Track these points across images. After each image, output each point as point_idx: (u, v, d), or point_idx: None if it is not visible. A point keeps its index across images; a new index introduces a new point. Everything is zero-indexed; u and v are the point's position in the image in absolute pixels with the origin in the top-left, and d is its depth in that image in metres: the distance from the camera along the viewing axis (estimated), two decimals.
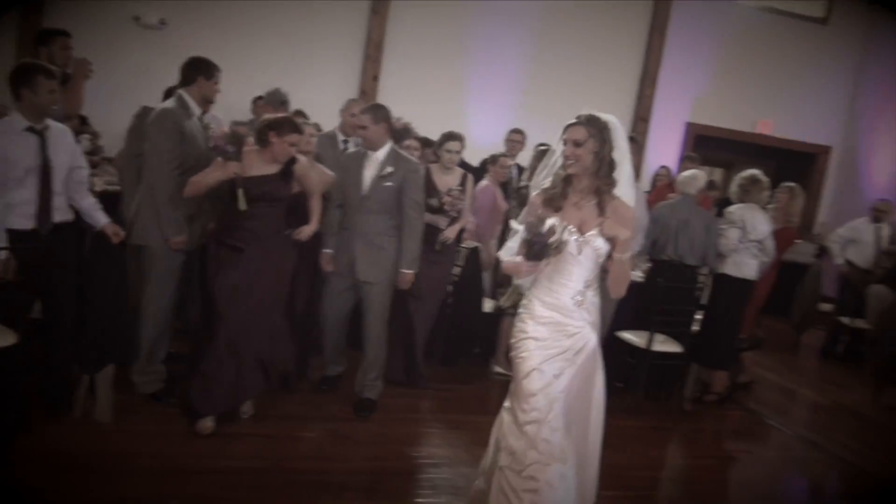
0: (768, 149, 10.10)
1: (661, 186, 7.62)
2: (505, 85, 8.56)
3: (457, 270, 5.37)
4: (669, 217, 5.35)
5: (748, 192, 5.57)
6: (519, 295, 2.99)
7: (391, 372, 4.83)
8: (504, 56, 8.53)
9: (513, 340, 2.97)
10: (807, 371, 7.30)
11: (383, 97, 8.05)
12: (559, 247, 2.82)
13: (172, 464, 3.47)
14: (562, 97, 8.51)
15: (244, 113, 6.48)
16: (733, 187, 5.73)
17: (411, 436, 4.27)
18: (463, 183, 5.07)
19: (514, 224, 2.95)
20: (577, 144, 2.83)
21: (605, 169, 2.85)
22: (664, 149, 9.26)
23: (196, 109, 4.11)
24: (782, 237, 5.92)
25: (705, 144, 9.64)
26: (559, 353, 2.86)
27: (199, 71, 4.07)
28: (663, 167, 8.49)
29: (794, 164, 10.36)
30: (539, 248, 2.75)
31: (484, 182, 5.73)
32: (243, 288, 3.80)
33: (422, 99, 7.89)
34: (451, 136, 5.06)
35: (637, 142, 6.96)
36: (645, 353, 5.02)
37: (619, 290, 2.92)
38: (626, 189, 2.93)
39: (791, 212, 6.15)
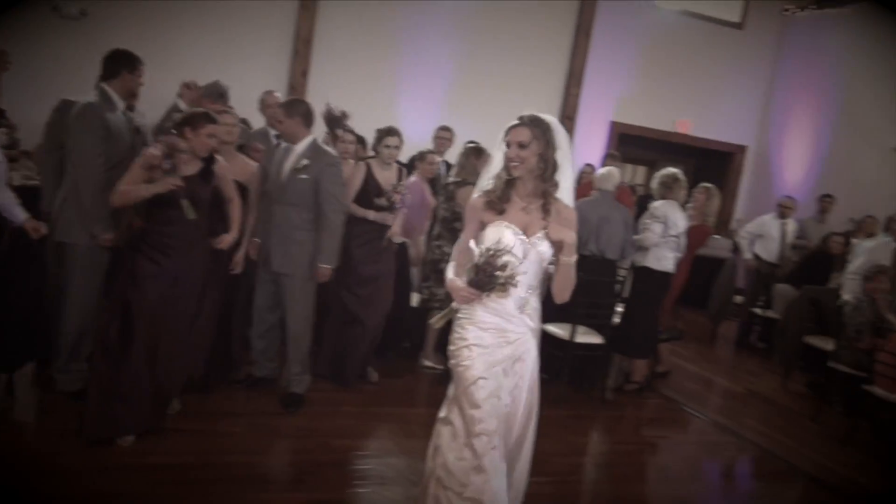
0: (688, 147, 10.48)
1: (585, 184, 7.84)
2: (434, 82, 8.65)
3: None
4: (591, 213, 5.53)
5: (669, 188, 5.81)
6: (453, 314, 2.89)
7: (332, 370, 4.94)
8: (433, 53, 8.62)
9: (452, 348, 2.86)
10: (722, 360, 7.64)
11: (312, 93, 8.02)
12: (506, 284, 2.70)
13: (95, 462, 3.43)
14: (490, 95, 8.67)
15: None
16: (654, 184, 5.97)
17: (339, 428, 4.30)
18: (400, 178, 5.10)
19: (472, 245, 2.84)
20: (522, 146, 2.75)
21: (549, 171, 2.79)
22: (590, 147, 9.52)
23: (120, 103, 4.05)
24: (697, 234, 6.21)
25: (628, 143, 9.95)
26: (501, 360, 2.80)
27: (121, 64, 4.01)
28: (588, 165, 8.74)
29: (712, 163, 10.80)
30: (486, 280, 2.67)
31: (412, 178, 5.80)
32: (163, 302, 3.65)
33: (351, 95, 7.87)
34: (389, 132, 5.04)
35: (616, 157, 7.18)
36: (568, 345, 5.19)
37: (563, 295, 2.85)
38: (567, 192, 2.88)
39: (707, 211, 6.46)
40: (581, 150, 9.38)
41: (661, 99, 9.85)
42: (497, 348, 2.79)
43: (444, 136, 7.01)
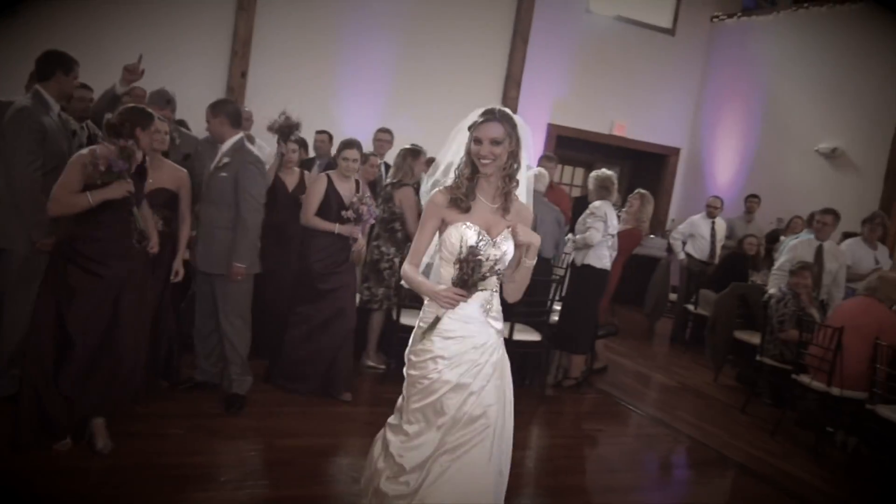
0: (624, 149, 10.76)
1: None
2: (374, 84, 8.69)
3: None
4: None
5: (607, 189, 6.00)
6: (437, 322, 2.70)
7: (309, 385, 4.92)
8: (373, 55, 8.65)
9: (415, 359, 2.72)
10: (657, 356, 7.87)
11: (252, 94, 7.99)
12: (492, 273, 2.62)
13: (31, 465, 3.38)
14: (430, 98, 8.76)
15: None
16: (590, 185, 6.13)
17: (283, 428, 4.32)
18: (358, 189, 4.99)
19: (453, 240, 2.68)
20: (496, 143, 2.62)
21: (516, 169, 2.69)
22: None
23: (55, 106, 3.98)
24: (629, 238, 6.46)
25: (566, 145, 10.16)
26: (467, 368, 2.68)
27: (55, 65, 3.95)
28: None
29: (647, 164, 11.12)
30: (470, 273, 2.57)
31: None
32: (100, 314, 3.51)
33: (291, 96, 7.79)
34: (348, 144, 4.92)
35: (552, 158, 7.21)
36: (506, 343, 5.29)
37: (517, 296, 2.82)
38: (524, 190, 2.80)
39: (641, 216, 6.69)
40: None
41: (597, 102, 10.09)
42: (463, 356, 2.68)
43: (383, 137, 7.06)
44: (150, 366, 4.14)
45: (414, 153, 5.51)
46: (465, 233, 2.66)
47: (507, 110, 2.70)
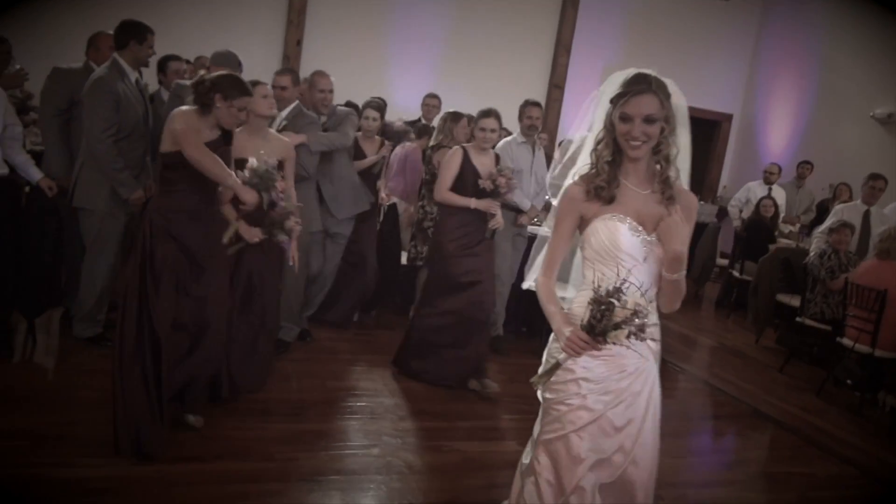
0: None
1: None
2: (424, 51, 8.87)
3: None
4: None
5: None
6: (556, 369, 2.24)
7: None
8: (423, 22, 8.82)
9: (554, 380, 2.25)
10: (702, 319, 7.97)
11: (306, 62, 8.25)
12: (636, 334, 2.06)
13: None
14: (479, 64, 8.93)
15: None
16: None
17: (334, 372, 4.66)
18: (497, 162, 4.66)
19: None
20: (651, 120, 2.15)
21: (673, 151, 2.21)
22: (578, 115, 9.75)
23: (131, 73, 4.28)
24: None
25: None
26: (615, 399, 2.22)
27: (130, 34, 4.23)
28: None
29: (699, 131, 10.85)
30: (606, 324, 2.05)
31: (412, 144, 6.09)
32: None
33: (344, 63, 8.11)
34: (486, 113, 4.58)
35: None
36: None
37: (671, 308, 2.31)
38: (685, 174, 2.33)
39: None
40: (570, 120, 9.64)
41: (648, 67, 10.03)
42: (612, 382, 2.21)
43: (431, 102, 7.29)
44: None
45: (455, 117, 5.72)
46: (617, 228, 2.19)
47: (655, 74, 2.27)
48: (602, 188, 2.20)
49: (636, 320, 2.03)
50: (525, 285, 2.52)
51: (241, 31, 7.94)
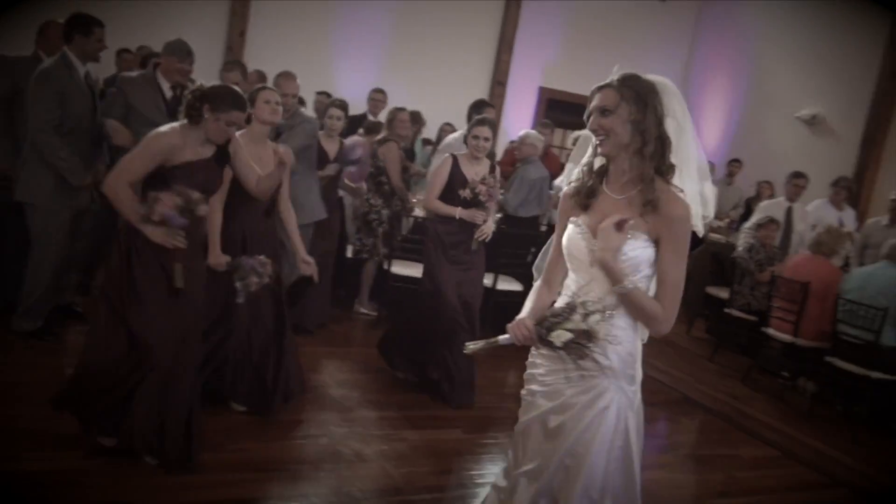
0: None
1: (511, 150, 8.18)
2: (370, 45, 8.89)
3: None
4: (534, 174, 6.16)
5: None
6: (493, 346, 2.28)
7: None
8: (369, 17, 8.83)
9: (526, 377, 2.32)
10: None
11: (250, 54, 8.19)
12: (575, 351, 2.07)
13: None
14: (423, 59, 9.00)
15: (109, 68, 6.48)
16: (573, 146, 6.46)
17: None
18: (493, 171, 4.57)
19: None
20: (605, 112, 2.09)
21: (652, 147, 2.08)
22: (519, 112, 9.96)
23: (80, 67, 4.23)
24: None
25: (556, 108, 10.42)
26: (556, 405, 2.20)
27: (74, 28, 4.18)
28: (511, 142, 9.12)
29: None
30: (547, 341, 2.12)
31: (361, 139, 6.16)
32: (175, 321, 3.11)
33: (289, 56, 8.06)
34: (480, 122, 4.49)
35: (548, 125, 7.33)
36: (490, 292, 5.67)
37: (645, 324, 2.17)
38: (691, 181, 2.16)
39: None
40: (511, 116, 9.83)
41: (588, 66, 10.27)
42: (559, 385, 2.19)
43: (377, 97, 7.36)
44: None
45: (399, 112, 5.89)
46: (571, 233, 2.19)
47: (644, 74, 2.19)
48: (578, 193, 2.21)
49: (583, 339, 2.04)
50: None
51: (183, 21, 7.79)
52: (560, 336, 2.08)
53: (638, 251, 2.08)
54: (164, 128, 3.09)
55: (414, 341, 4.53)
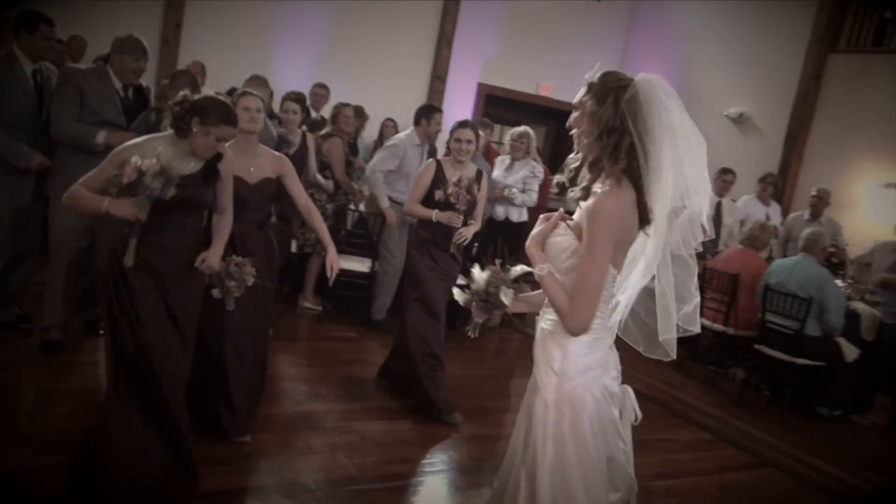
0: (550, 110, 11.24)
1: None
2: (310, 39, 8.84)
3: None
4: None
5: (531, 147, 6.53)
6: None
7: None
8: (309, 8, 8.77)
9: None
10: None
11: (186, 47, 8.05)
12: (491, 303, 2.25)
13: None
14: (364, 54, 9.00)
15: None
16: (509, 141, 6.59)
17: None
18: (479, 180, 4.49)
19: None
20: (574, 108, 2.16)
21: (611, 143, 2.04)
22: (459, 108, 10.06)
23: (28, 64, 4.12)
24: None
25: (495, 104, 10.57)
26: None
27: (20, 25, 4.08)
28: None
29: None
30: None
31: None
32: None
33: (227, 49, 8.01)
34: (462, 124, 4.45)
35: (487, 123, 7.19)
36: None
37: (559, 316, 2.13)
38: (662, 196, 2.05)
39: None
40: (451, 112, 9.91)
41: (525, 63, 10.50)
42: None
43: (320, 92, 7.35)
44: None
45: (343, 107, 5.94)
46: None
47: (614, 70, 2.18)
48: (562, 190, 2.27)
49: (489, 290, 2.25)
50: None
51: (116, 10, 7.64)
52: (477, 282, 2.29)
53: (559, 238, 2.16)
54: (140, 140, 2.93)
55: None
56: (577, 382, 2.14)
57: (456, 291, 2.41)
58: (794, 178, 8.65)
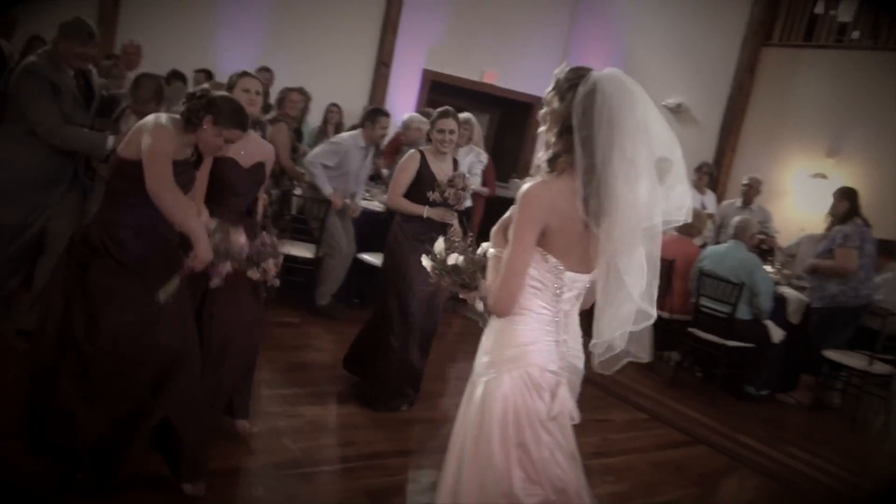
0: (494, 97, 11.34)
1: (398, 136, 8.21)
2: (252, 20, 8.71)
3: None
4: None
5: (474, 135, 6.62)
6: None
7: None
8: None
9: None
10: None
11: (125, 25, 7.86)
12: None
13: None
14: (308, 39, 8.93)
15: None
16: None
17: None
18: (456, 167, 4.39)
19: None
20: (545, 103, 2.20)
21: (566, 136, 2.08)
22: (404, 94, 10.07)
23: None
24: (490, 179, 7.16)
25: (440, 91, 10.61)
26: None
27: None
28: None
29: (514, 113, 11.77)
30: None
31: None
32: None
33: (167, 29, 7.85)
34: (443, 114, 4.24)
35: (427, 114, 7.16)
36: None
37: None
38: (614, 178, 2.06)
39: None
40: (396, 97, 9.92)
41: (470, 50, 10.56)
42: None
43: (264, 76, 7.23)
44: None
45: (288, 92, 5.93)
46: None
47: (579, 66, 2.20)
48: None
49: (464, 269, 2.26)
50: None
51: None
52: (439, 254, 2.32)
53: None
54: (165, 123, 2.82)
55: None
56: (499, 367, 2.18)
57: (426, 261, 2.39)
58: (728, 168, 8.95)
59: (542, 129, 2.17)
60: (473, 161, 6.55)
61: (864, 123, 8.03)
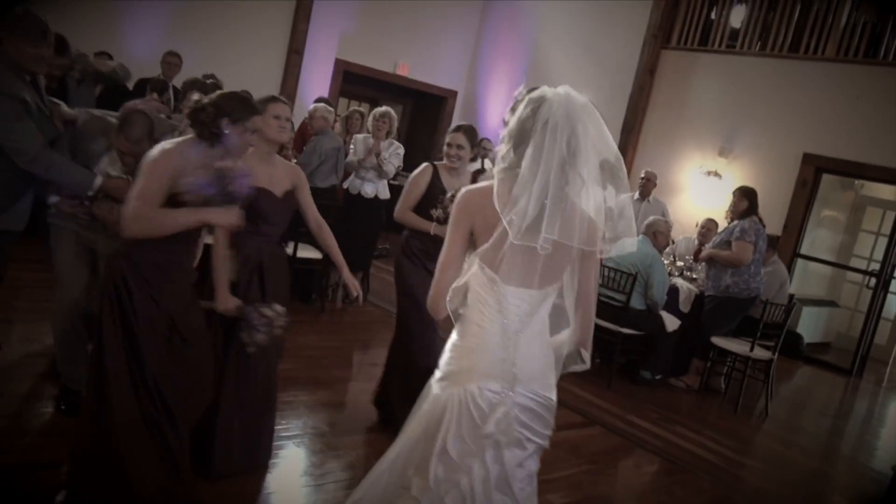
0: (407, 89, 11.46)
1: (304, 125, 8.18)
2: (160, 6, 8.53)
3: None
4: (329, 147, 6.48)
5: (392, 127, 6.80)
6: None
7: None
8: None
9: None
10: None
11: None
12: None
13: None
14: (218, 24, 8.80)
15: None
16: (372, 121, 6.75)
17: None
18: (475, 180, 4.15)
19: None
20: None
21: (511, 146, 2.23)
22: (316, 83, 10.05)
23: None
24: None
25: (352, 81, 10.65)
26: None
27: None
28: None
29: (427, 105, 11.93)
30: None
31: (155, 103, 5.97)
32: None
33: (68, 11, 7.58)
34: (456, 128, 4.12)
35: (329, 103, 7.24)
36: (292, 259, 5.86)
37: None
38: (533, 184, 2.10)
39: None
40: (307, 85, 9.90)
41: (383, 41, 10.63)
42: None
43: (172, 61, 7.14)
44: None
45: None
46: None
47: (536, 87, 2.28)
48: None
49: None
50: None
51: None
52: None
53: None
54: (171, 147, 2.66)
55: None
56: (448, 379, 2.23)
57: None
58: (629, 164, 9.37)
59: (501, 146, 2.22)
60: (394, 153, 6.71)
61: (753, 125, 8.59)
